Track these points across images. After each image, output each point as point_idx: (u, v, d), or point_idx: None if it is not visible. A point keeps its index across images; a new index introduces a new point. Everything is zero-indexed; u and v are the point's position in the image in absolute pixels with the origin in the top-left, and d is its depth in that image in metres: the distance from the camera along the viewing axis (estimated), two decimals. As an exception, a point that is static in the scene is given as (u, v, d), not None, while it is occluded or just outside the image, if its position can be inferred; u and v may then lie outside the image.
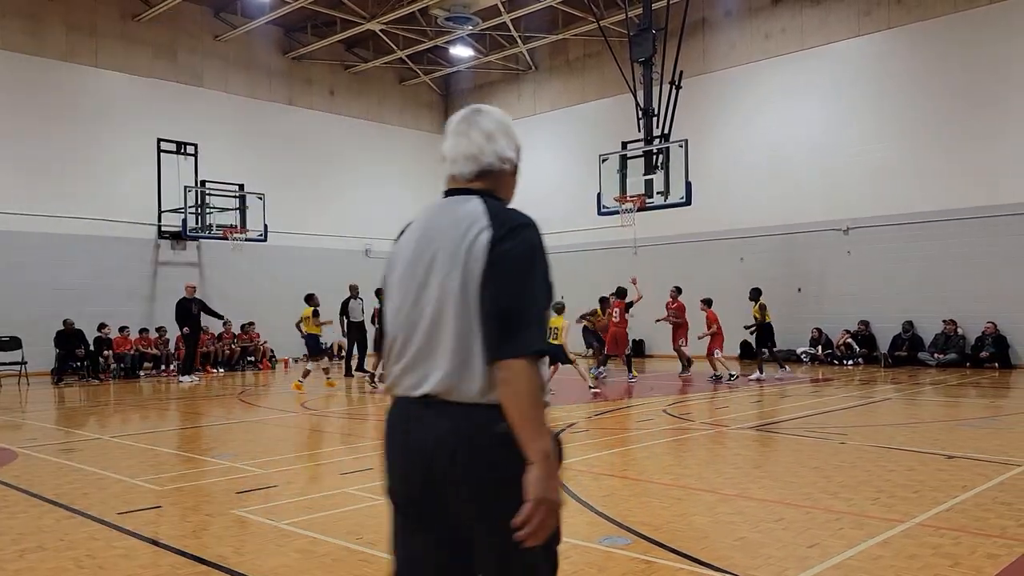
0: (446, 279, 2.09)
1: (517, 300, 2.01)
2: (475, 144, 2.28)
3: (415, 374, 2.14)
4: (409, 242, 2.24)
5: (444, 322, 2.09)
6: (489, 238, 2.06)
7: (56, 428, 10.82)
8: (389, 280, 2.28)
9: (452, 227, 2.14)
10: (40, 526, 5.48)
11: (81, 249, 20.02)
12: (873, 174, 19.14)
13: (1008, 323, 17.19)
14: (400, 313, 2.19)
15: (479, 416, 2.04)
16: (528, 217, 2.16)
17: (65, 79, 20.13)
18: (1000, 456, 7.39)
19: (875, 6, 19.33)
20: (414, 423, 2.13)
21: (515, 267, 2.04)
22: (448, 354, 2.08)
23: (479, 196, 2.21)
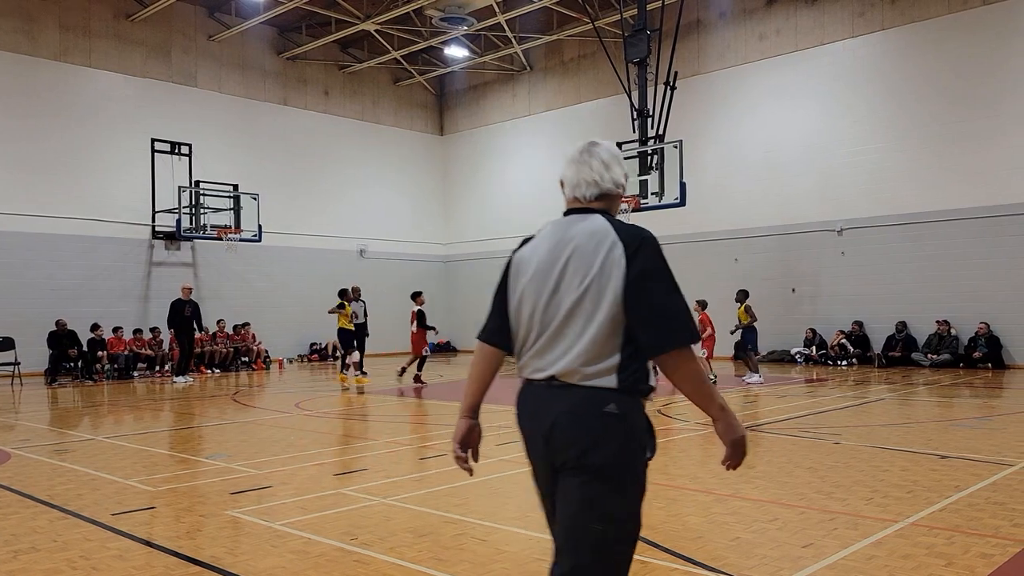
0: (581, 283, 2.50)
1: (667, 303, 2.45)
2: (596, 172, 2.70)
3: (543, 360, 2.57)
4: (539, 251, 2.66)
5: (574, 319, 2.51)
6: (623, 252, 2.48)
7: (49, 429, 10.78)
8: (517, 283, 2.68)
9: (584, 240, 2.55)
10: (34, 527, 5.46)
11: (75, 249, 19.96)
12: (867, 175, 19.20)
13: (1001, 324, 17.26)
14: (534, 310, 2.60)
15: (592, 396, 2.48)
16: (647, 231, 2.58)
17: (59, 79, 20.08)
18: (993, 456, 7.42)
19: (869, 7, 19.38)
20: (541, 399, 2.57)
21: (656, 276, 2.47)
22: (573, 345, 2.50)
23: (599, 214, 2.65)
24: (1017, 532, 4.95)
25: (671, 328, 2.43)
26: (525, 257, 2.71)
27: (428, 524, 5.36)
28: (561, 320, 2.53)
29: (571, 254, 2.55)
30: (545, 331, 2.56)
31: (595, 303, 2.47)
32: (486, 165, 27.78)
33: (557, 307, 2.54)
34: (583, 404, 2.47)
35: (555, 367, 2.52)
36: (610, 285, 2.46)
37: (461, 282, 28.13)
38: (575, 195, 2.72)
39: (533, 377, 2.60)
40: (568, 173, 2.74)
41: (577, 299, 2.50)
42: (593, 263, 2.50)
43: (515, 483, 6.79)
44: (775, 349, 20.37)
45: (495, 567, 4.47)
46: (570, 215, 2.69)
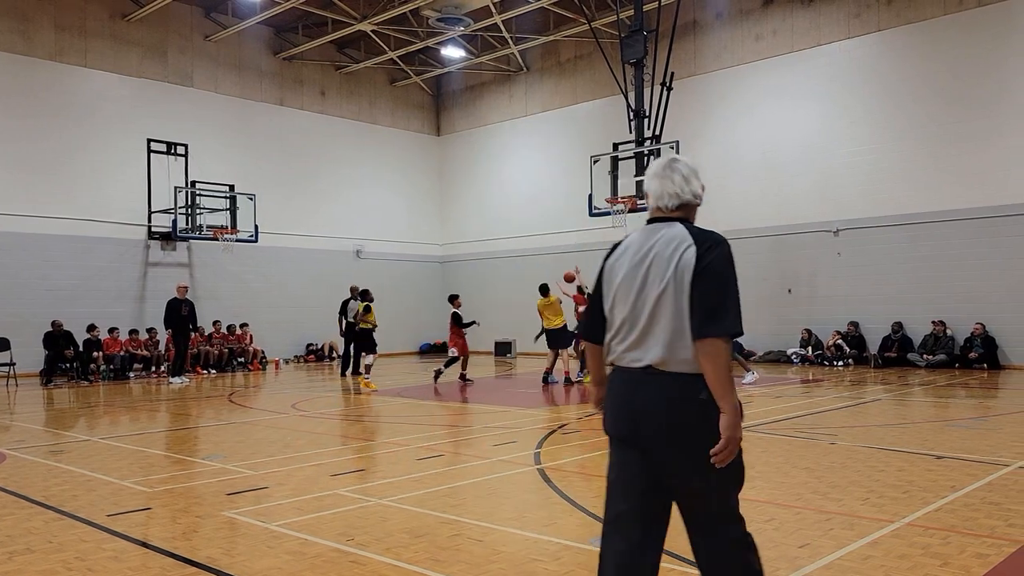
0: (663, 282, 2.88)
1: (720, 297, 2.83)
2: (677, 185, 3.06)
3: (637, 351, 2.94)
4: (627, 256, 3.05)
5: (661, 314, 2.88)
6: (695, 252, 2.86)
7: (45, 430, 10.76)
8: (610, 286, 3.09)
9: (665, 245, 2.93)
10: (29, 528, 5.45)
11: (70, 249, 19.92)
12: (863, 176, 19.23)
13: (996, 324, 17.30)
14: (625, 309, 2.99)
15: (685, 384, 2.84)
16: (721, 236, 2.94)
17: (54, 79, 20.03)
18: (989, 456, 7.44)
19: (865, 8, 19.42)
20: (637, 386, 2.93)
21: (716, 272, 2.84)
22: (663, 338, 2.87)
23: (680, 222, 3.02)
24: (1012, 532, 4.97)
25: (714, 318, 2.80)
26: (615, 263, 3.11)
27: (424, 525, 5.36)
28: (648, 316, 2.92)
29: (653, 258, 2.95)
30: (636, 326, 2.96)
31: (675, 299, 2.86)
32: (483, 166, 27.78)
33: (644, 305, 2.94)
34: (680, 391, 2.85)
35: (650, 357, 2.90)
36: (685, 282, 2.85)
37: (458, 283, 28.09)
38: (658, 205, 3.08)
39: (630, 366, 2.97)
40: (652, 186, 3.10)
41: (659, 297, 2.90)
42: (670, 264, 2.89)
43: (512, 483, 6.79)
44: (771, 350, 20.40)
45: (492, 568, 4.47)
46: (653, 223, 3.08)
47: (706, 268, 2.83)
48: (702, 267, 2.84)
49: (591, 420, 10.73)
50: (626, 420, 2.96)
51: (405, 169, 28.00)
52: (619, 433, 3.01)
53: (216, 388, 16.39)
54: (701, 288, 2.83)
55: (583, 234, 23.36)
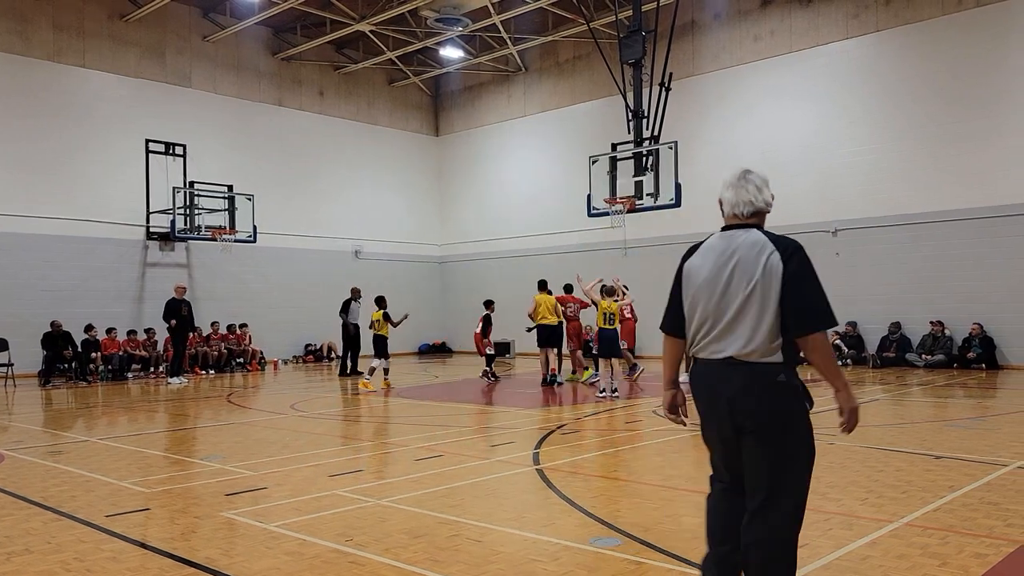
0: (749, 284, 3.23)
1: (813, 297, 3.21)
2: (751, 194, 3.41)
3: (719, 344, 3.30)
4: (707, 260, 3.37)
5: (747, 311, 3.23)
6: (780, 258, 3.21)
7: (43, 430, 10.75)
8: (690, 286, 3.41)
9: (748, 249, 3.27)
10: (27, 529, 5.45)
11: (68, 250, 19.90)
12: (862, 176, 19.24)
13: (995, 324, 17.31)
14: (707, 307, 3.33)
15: (763, 371, 3.23)
16: (797, 241, 3.31)
17: (52, 79, 20.01)
18: (987, 456, 7.44)
19: (863, 9, 19.44)
20: (720, 375, 3.30)
21: (805, 277, 3.21)
22: (745, 332, 3.23)
23: (754, 228, 3.37)
24: (1011, 532, 4.97)
25: (813, 317, 3.19)
26: (695, 265, 3.43)
27: (423, 525, 5.36)
28: (733, 313, 3.26)
29: (736, 262, 3.28)
30: (719, 322, 3.30)
31: (762, 299, 3.22)
32: (481, 166, 27.78)
33: (728, 303, 3.27)
34: (760, 377, 3.23)
35: (732, 349, 3.26)
36: (772, 285, 3.21)
37: (456, 283, 28.13)
38: (734, 212, 3.43)
39: (711, 357, 3.33)
40: (728, 195, 3.45)
41: (746, 297, 3.24)
42: (756, 268, 3.23)
43: (511, 484, 6.79)
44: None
45: (490, 568, 4.47)
46: (730, 229, 3.41)
47: (795, 273, 3.20)
48: (790, 272, 3.20)
49: (589, 421, 10.73)
50: (714, 405, 3.36)
51: (404, 169, 27.99)
52: (714, 411, 3.39)
53: (215, 389, 16.38)
54: (795, 291, 3.20)
55: (582, 234, 23.38)
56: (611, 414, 11.33)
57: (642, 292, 18.00)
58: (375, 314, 16.07)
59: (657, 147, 16.83)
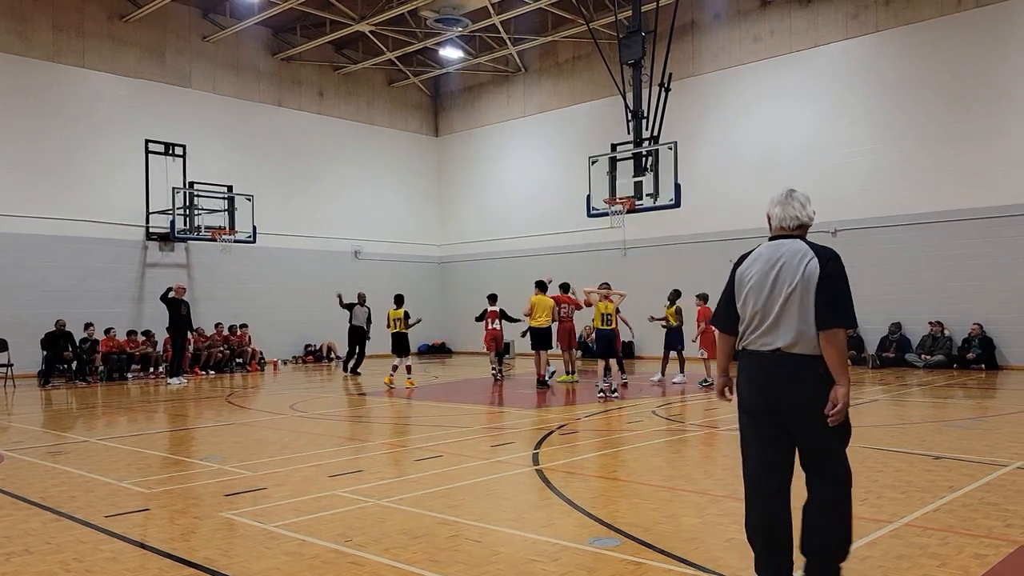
0: (791, 285, 3.75)
1: (840, 299, 3.69)
2: (796, 210, 3.95)
3: (767, 338, 3.82)
4: (757, 264, 3.93)
5: (789, 309, 3.75)
6: (818, 264, 3.73)
7: (43, 430, 10.75)
8: (742, 288, 3.96)
9: (792, 256, 3.81)
10: (27, 529, 5.44)
11: (68, 250, 19.90)
12: (861, 176, 19.24)
13: (994, 325, 17.31)
14: (757, 305, 3.86)
15: (807, 363, 3.74)
16: (834, 250, 3.82)
17: (52, 79, 20.01)
18: (987, 456, 7.44)
19: (863, 9, 19.44)
20: (769, 365, 3.82)
21: (836, 281, 3.71)
22: (790, 327, 3.75)
23: (799, 238, 3.92)
24: (1010, 532, 4.97)
25: (836, 314, 3.67)
26: (746, 270, 3.98)
27: (423, 525, 5.36)
28: (778, 312, 3.78)
29: (781, 267, 3.82)
30: (767, 319, 3.82)
31: (802, 299, 3.71)
32: (481, 166, 27.78)
33: (773, 303, 3.81)
34: (804, 368, 3.74)
35: (779, 342, 3.78)
36: (810, 287, 3.71)
37: (456, 283, 28.13)
38: (781, 226, 3.98)
39: (761, 349, 3.86)
40: (776, 211, 4.00)
41: (787, 296, 3.76)
42: (797, 272, 3.75)
43: (510, 484, 6.79)
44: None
45: (490, 568, 4.47)
46: (777, 239, 3.96)
47: (828, 276, 3.70)
48: (825, 275, 3.70)
49: (589, 422, 10.73)
50: (761, 391, 3.85)
51: (403, 170, 27.99)
52: (754, 402, 3.89)
53: (215, 389, 16.38)
54: (825, 292, 3.69)
55: (581, 235, 23.38)
56: (611, 415, 11.33)
57: (642, 292, 18.00)
58: (395, 312, 16.28)
59: (657, 147, 16.82)
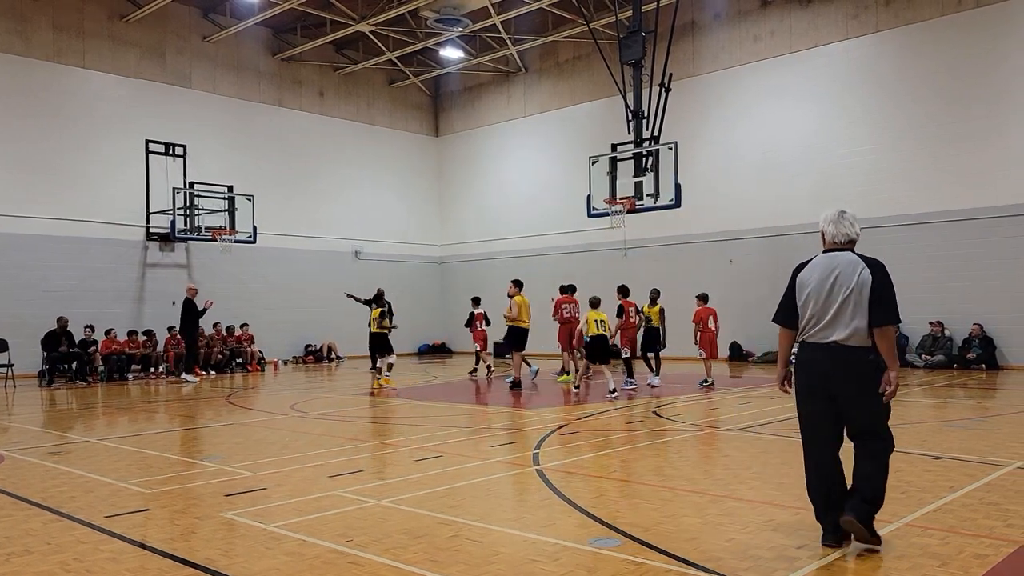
0: (847, 290, 4.63)
1: (888, 302, 4.61)
2: (847, 228, 4.84)
3: (825, 332, 4.68)
4: (815, 273, 4.78)
5: (844, 310, 4.63)
6: (869, 273, 4.63)
7: (43, 431, 10.75)
8: (803, 290, 4.80)
9: (845, 267, 4.69)
10: (27, 529, 5.44)
11: (68, 250, 19.91)
12: (862, 176, 19.24)
13: (995, 325, 17.31)
14: (816, 305, 4.72)
15: (858, 352, 4.64)
16: (881, 261, 4.73)
17: (52, 80, 20.02)
18: (987, 457, 7.44)
19: (863, 10, 19.44)
20: (826, 354, 4.68)
21: (886, 287, 4.62)
22: (846, 324, 4.62)
23: (850, 251, 4.80)
24: (1011, 532, 4.97)
25: (886, 314, 4.61)
26: (805, 276, 4.83)
27: (423, 526, 5.36)
28: (835, 311, 4.66)
29: (837, 275, 4.69)
30: (825, 317, 4.69)
31: (855, 302, 4.61)
32: (481, 167, 27.78)
33: (831, 304, 4.67)
34: (856, 358, 4.65)
35: (835, 336, 4.66)
36: (864, 293, 4.61)
37: (456, 283, 28.12)
38: (834, 241, 4.84)
39: (819, 341, 4.71)
40: (829, 228, 4.86)
41: (844, 299, 4.64)
42: (852, 280, 4.64)
43: (511, 484, 6.79)
44: (770, 351, 20.41)
45: (490, 568, 4.47)
46: (831, 252, 4.82)
47: (879, 283, 4.62)
48: (876, 283, 4.61)
49: (589, 422, 10.74)
50: (819, 375, 4.71)
51: (404, 170, 28.00)
52: (812, 385, 4.75)
53: (215, 389, 16.38)
54: (877, 296, 4.60)
55: (582, 235, 23.38)
56: (611, 415, 11.33)
57: (643, 293, 17.98)
58: (373, 311, 16.19)
59: (657, 147, 16.83)
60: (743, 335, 20.96)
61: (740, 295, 20.74)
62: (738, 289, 20.77)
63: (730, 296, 20.75)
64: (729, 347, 20.81)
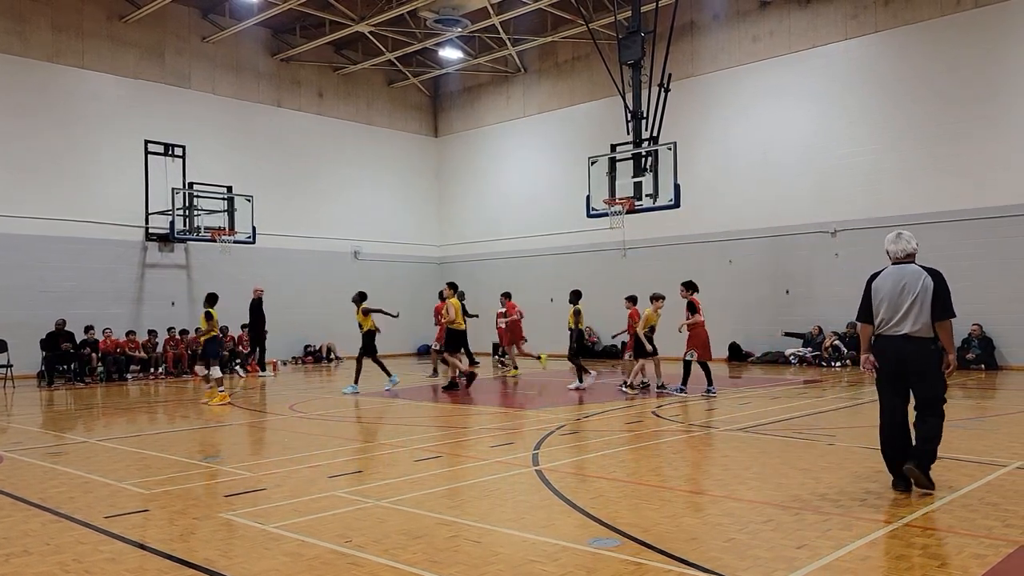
0: (914, 295, 5.95)
1: (946, 302, 5.96)
2: (906, 244, 6.22)
3: (897, 327, 5.99)
4: (888, 280, 6.12)
5: (912, 310, 5.95)
6: (931, 280, 5.98)
7: (42, 431, 10.74)
8: (878, 294, 6.15)
9: (910, 276, 6.04)
10: (26, 530, 5.44)
11: (67, 251, 19.89)
12: (861, 176, 19.25)
13: (994, 325, 17.31)
14: (889, 306, 6.05)
15: (924, 342, 6.00)
16: (938, 270, 6.10)
17: (51, 80, 20.01)
18: (986, 457, 7.45)
19: (862, 10, 19.45)
20: (900, 344, 6.01)
21: (944, 290, 5.97)
22: (912, 320, 5.95)
23: (912, 263, 6.16)
24: (1010, 532, 4.97)
25: (946, 311, 5.93)
26: (879, 284, 6.17)
27: (422, 526, 5.36)
28: (904, 311, 5.97)
29: (905, 283, 6.02)
30: (896, 315, 6.01)
31: (921, 304, 5.94)
32: (480, 167, 27.78)
33: (902, 304, 5.99)
34: (923, 346, 5.98)
35: (906, 329, 5.97)
36: (927, 296, 5.94)
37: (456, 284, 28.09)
38: (897, 256, 6.19)
39: (893, 333, 6.03)
40: (892, 247, 6.24)
41: (912, 302, 5.95)
42: (917, 286, 5.96)
43: (510, 485, 6.79)
44: (769, 351, 20.41)
45: (490, 569, 4.47)
46: (898, 264, 6.17)
47: (939, 287, 5.95)
48: (936, 287, 5.94)
49: (588, 422, 10.73)
50: (894, 360, 6.06)
51: (403, 170, 27.99)
52: (888, 367, 6.10)
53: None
54: (938, 298, 5.92)
55: (581, 235, 23.38)
56: (610, 415, 11.33)
57: (643, 293, 17.98)
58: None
59: (656, 148, 16.84)
60: (743, 335, 20.96)
61: (740, 295, 20.74)
62: (738, 289, 20.78)
63: (730, 296, 20.76)
64: (729, 347, 20.81)
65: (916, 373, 5.98)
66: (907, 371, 6.00)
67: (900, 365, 6.00)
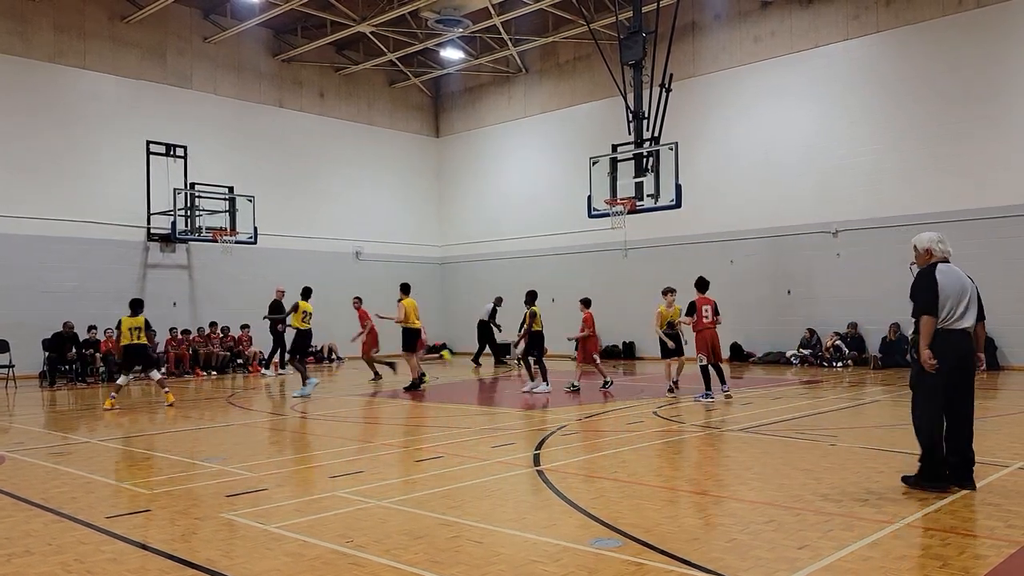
0: (970, 292, 6.25)
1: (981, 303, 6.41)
2: (947, 245, 6.46)
3: (962, 322, 6.15)
4: (949, 277, 6.21)
5: (970, 306, 6.24)
6: (972, 283, 6.35)
7: (44, 431, 10.75)
8: (944, 289, 6.14)
9: (962, 275, 6.29)
10: (28, 530, 5.45)
11: (69, 251, 19.91)
12: (862, 177, 19.24)
13: (995, 326, 17.20)
14: (954, 300, 6.15)
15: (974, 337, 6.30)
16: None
17: (53, 80, 20.03)
18: (987, 457, 7.43)
19: (863, 10, 19.44)
20: (964, 338, 6.18)
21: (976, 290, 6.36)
22: (971, 317, 6.22)
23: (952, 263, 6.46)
24: (1011, 533, 4.97)
25: (982, 310, 6.35)
26: (942, 280, 6.18)
27: (424, 526, 5.36)
28: (965, 306, 6.18)
29: (963, 280, 6.25)
30: (958, 310, 6.15)
31: (972, 300, 6.24)
32: (482, 167, 27.78)
33: (963, 300, 6.18)
34: (975, 341, 6.26)
35: (966, 324, 6.18)
36: (975, 296, 6.28)
37: (456, 284, 28.13)
38: (944, 255, 6.39)
39: (959, 327, 6.14)
40: (939, 247, 6.41)
41: (970, 299, 6.22)
42: (968, 284, 6.26)
43: (511, 485, 6.79)
44: (770, 351, 20.41)
45: (491, 569, 4.47)
46: (946, 263, 6.35)
47: (977, 288, 6.33)
48: (976, 289, 6.32)
49: (590, 422, 10.73)
50: (959, 353, 6.13)
51: (404, 171, 27.99)
52: (951, 361, 6.09)
53: (216, 390, 16.38)
54: (980, 300, 6.33)
55: (582, 236, 23.38)
56: (611, 415, 11.33)
57: (643, 293, 18.03)
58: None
59: (657, 148, 16.83)
60: (743, 335, 20.95)
61: (740, 295, 20.73)
62: (738, 289, 20.76)
63: (731, 296, 20.74)
64: (730, 347, 20.80)
65: (973, 365, 6.26)
66: (967, 366, 6.21)
67: (964, 359, 6.17)
